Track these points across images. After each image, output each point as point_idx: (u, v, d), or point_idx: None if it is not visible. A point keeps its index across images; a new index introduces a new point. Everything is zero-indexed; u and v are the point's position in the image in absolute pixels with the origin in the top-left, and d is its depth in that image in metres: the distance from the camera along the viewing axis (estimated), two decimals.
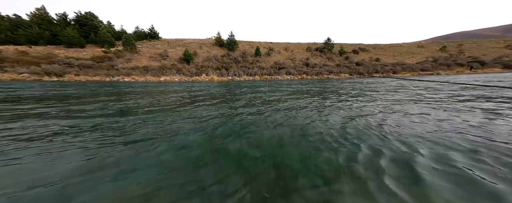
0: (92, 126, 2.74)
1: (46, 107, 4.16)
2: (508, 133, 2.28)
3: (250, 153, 1.88)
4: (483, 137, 2.15)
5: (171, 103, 4.82)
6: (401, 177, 1.44)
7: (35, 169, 1.59)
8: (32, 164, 1.67)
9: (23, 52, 17.75)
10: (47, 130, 2.56)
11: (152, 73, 17.44)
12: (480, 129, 2.43)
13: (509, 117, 2.94)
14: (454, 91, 6.01)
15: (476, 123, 2.66)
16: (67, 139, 2.26)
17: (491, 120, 2.81)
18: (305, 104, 4.45)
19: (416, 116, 3.17)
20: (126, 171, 1.57)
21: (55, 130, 2.56)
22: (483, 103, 4.06)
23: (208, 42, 28.40)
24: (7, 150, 1.94)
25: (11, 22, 21.45)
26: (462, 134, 2.27)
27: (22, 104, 4.44)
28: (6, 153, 1.87)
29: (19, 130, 2.54)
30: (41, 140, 2.22)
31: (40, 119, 3.09)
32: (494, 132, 2.30)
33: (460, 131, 2.37)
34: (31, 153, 1.87)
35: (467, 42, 32.99)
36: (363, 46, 31.99)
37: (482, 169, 1.52)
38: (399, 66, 22.42)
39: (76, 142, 2.15)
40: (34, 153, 1.87)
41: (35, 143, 2.13)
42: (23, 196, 1.26)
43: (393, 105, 4.11)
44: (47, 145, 2.07)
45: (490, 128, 2.45)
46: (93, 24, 23.53)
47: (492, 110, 3.38)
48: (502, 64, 20.93)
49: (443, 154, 1.78)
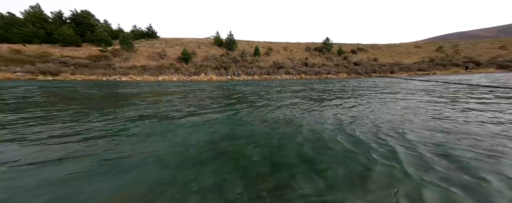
0: (91, 126, 2.68)
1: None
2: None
3: (249, 153, 1.86)
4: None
5: (170, 102, 4.76)
6: (400, 176, 1.44)
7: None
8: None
9: (17, 51, 17.38)
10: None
11: (150, 72, 17.25)
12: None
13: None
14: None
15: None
16: (61, 139, 2.20)
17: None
18: (305, 104, 4.44)
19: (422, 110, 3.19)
20: (125, 172, 1.54)
21: (52, 130, 2.50)
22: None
23: (207, 42, 28.23)
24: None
25: (5, 20, 20.96)
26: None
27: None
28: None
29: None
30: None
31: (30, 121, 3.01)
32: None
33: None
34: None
35: (462, 42, 33.50)
36: (361, 46, 32.20)
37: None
38: (397, 66, 22.64)
39: (71, 142, 2.10)
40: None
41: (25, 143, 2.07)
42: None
43: (390, 102, 4.13)
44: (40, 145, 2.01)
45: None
46: (89, 23, 23.17)
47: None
48: (496, 65, 21.29)
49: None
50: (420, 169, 1.54)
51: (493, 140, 2.07)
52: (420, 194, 1.24)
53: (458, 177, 1.42)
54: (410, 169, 1.55)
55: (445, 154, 1.78)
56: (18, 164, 1.67)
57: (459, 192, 1.26)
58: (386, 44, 34.53)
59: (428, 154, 1.78)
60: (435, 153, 1.80)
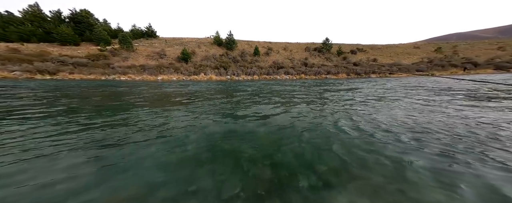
0: (89, 125, 2.66)
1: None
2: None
3: (248, 152, 1.85)
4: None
5: (169, 102, 4.74)
6: (399, 175, 1.45)
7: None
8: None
9: (15, 50, 17.25)
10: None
11: (149, 72, 17.19)
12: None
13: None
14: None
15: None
16: (58, 139, 2.18)
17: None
18: (304, 104, 4.44)
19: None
20: (124, 172, 1.52)
21: (47, 131, 2.48)
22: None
23: (206, 42, 28.18)
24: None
25: (2, 19, 20.79)
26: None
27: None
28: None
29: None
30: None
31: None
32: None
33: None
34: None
35: (461, 43, 33.69)
36: (361, 46, 32.29)
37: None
38: (396, 67, 22.73)
39: (68, 142, 2.08)
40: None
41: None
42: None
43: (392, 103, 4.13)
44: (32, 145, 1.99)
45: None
46: (88, 22, 23.04)
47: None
48: (494, 65, 21.42)
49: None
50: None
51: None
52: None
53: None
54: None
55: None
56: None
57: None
58: (385, 45, 34.64)
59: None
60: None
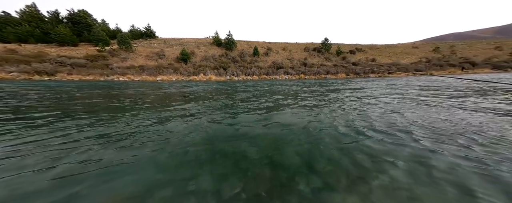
0: (87, 125, 2.64)
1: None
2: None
3: (247, 153, 1.85)
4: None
5: (169, 103, 4.72)
6: (398, 175, 1.45)
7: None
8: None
9: (12, 51, 17.10)
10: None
11: (149, 72, 17.13)
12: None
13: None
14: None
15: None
16: (58, 139, 2.16)
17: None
18: (304, 104, 4.44)
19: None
20: (124, 172, 1.51)
21: (45, 131, 2.45)
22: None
23: (206, 42, 28.13)
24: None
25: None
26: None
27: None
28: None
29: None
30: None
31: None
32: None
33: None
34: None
35: (459, 43, 33.93)
36: (360, 46, 32.40)
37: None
38: (394, 67, 22.84)
39: (68, 142, 2.06)
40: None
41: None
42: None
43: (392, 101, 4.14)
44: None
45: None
46: (86, 23, 22.91)
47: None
48: (491, 65, 21.60)
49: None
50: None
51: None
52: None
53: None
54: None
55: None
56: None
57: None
58: (384, 45, 34.80)
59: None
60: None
